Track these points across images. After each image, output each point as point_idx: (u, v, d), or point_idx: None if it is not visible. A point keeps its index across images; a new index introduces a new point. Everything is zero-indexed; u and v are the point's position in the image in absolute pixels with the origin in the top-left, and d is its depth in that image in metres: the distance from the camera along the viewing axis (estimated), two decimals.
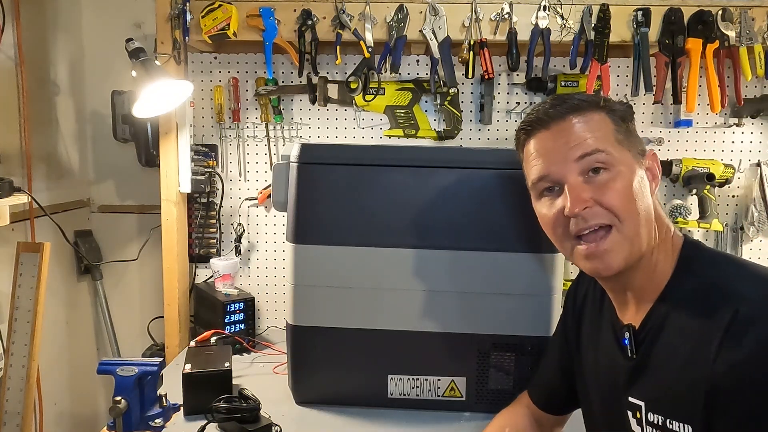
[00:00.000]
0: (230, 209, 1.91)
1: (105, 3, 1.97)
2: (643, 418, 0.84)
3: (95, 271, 1.99)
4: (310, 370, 1.35)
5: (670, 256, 0.86)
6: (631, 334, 0.87)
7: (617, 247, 0.82)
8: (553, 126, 0.86)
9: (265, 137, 1.88)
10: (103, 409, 2.07)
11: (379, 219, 1.28)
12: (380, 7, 1.64)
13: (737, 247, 1.88)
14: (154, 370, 1.24)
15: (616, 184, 0.82)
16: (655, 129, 1.85)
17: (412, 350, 1.31)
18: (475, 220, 1.27)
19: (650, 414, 0.83)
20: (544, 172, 0.86)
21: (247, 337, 1.70)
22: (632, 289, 0.88)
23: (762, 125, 1.84)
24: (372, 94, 1.79)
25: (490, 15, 1.64)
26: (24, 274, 1.50)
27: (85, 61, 1.99)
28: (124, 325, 2.04)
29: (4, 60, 1.61)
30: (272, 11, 1.62)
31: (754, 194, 1.83)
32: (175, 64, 1.68)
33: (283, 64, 1.85)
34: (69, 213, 1.90)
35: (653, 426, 0.83)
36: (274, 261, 1.92)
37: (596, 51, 1.64)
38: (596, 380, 0.96)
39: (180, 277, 1.79)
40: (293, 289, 1.32)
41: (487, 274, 1.28)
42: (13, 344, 1.49)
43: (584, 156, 0.83)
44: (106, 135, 1.90)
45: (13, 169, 1.63)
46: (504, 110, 1.86)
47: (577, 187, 0.83)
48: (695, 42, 1.63)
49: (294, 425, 1.27)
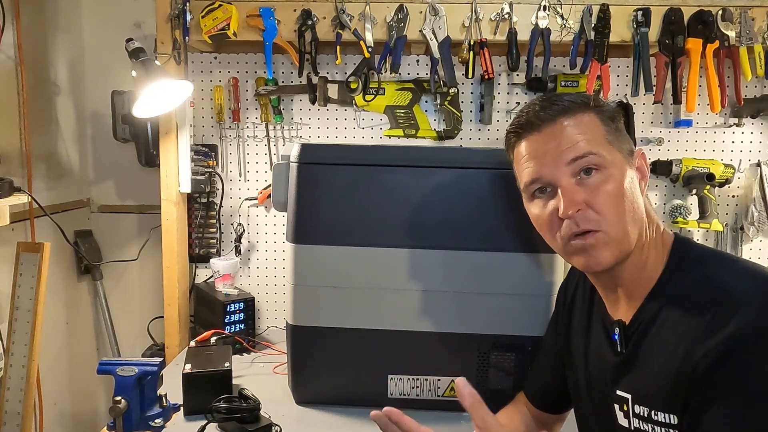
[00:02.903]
0: (230, 209, 1.91)
1: (105, 3, 1.97)
2: (630, 411, 0.85)
3: (95, 271, 1.99)
4: (310, 370, 1.35)
5: (660, 253, 0.87)
6: (621, 330, 0.88)
7: (607, 246, 0.83)
8: (544, 129, 0.86)
9: (265, 137, 1.88)
10: (103, 409, 2.07)
11: (379, 219, 1.28)
12: (380, 7, 1.64)
13: (737, 247, 1.88)
14: (154, 370, 1.24)
15: (608, 186, 0.83)
16: (655, 129, 1.85)
17: (412, 350, 1.31)
18: (475, 220, 1.27)
19: (636, 406, 0.84)
20: (536, 175, 0.87)
21: (247, 337, 1.70)
22: (623, 285, 0.88)
23: (762, 125, 1.84)
24: (372, 94, 1.79)
25: (490, 15, 1.64)
26: (24, 274, 1.50)
27: (85, 61, 1.99)
28: (124, 325, 2.04)
29: (4, 60, 1.61)
30: (272, 11, 1.62)
31: (754, 194, 1.83)
32: (175, 64, 1.68)
33: (283, 64, 1.85)
34: (69, 213, 1.90)
35: (639, 418, 0.84)
36: (274, 261, 1.92)
37: (596, 51, 1.64)
38: (586, 375, 0.97)
39: (180, 277, 1.79)
40: (293, 289, 1.32)
41: (487, 274, 1.28)
42: (13, 344, 1.49)
43: (576, 159, 0.84)
44: (106, 135, 1.90)
45: (13, 169, 1.63)
46: (504, 110, 1.86)
47: (571, 190, 0.83)
48: (695, 42, 1.63)
49: (294, 425, 1.27)
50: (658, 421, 0.81)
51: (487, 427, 0.77)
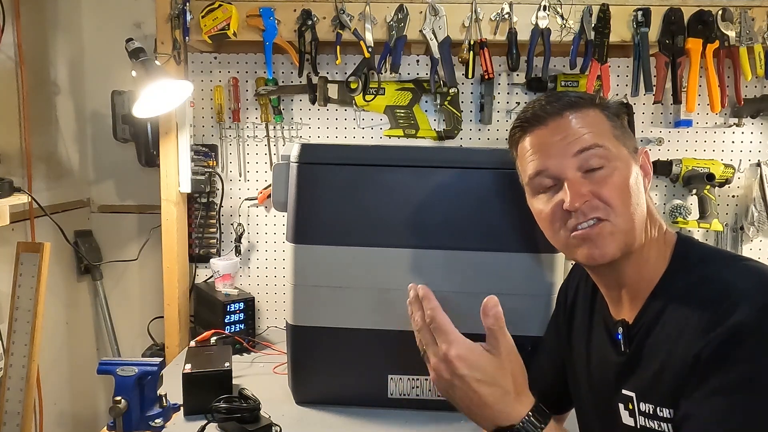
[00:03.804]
0: (230, 209, 1.91)
1: (105, 3, 1.97)
2: (636, 409, 0.85)
3: (95, 271, 1.99)
4: (310, 370, 1.35)
5: (662, 252, 0.86)
6: (625, 330, 0.87)
7: (612, 235, 0.82)
8: (551, 122, 0.86)
9: (265, 137, 1.88)
10: (103, 409, 2.07)
11: (379, 219, 1.28)
12: (380, 7, 1.64)
13: (737, 247, 1.88)
14: (154, 370, 1.24)
15: (614, 179, 0.82)
16: (655, 129, 1.85)
17: (412, 350, 1.29)
18: (475, 220, 1.27)
19: (642, 404, 0.84)
20: (541, 167, 0.86)
21: (247, 337, 1.70)
22: (625, 285, 0.88)
23: (762, 125, 1.84)
24: (372, 94, 1.79)
25: (490, 15, 1.64)
26: (24, 274, 1.50)
27: (85, 61, 1.99)
28: (124, 325, 2.04)
29: (4, 60, 1.61)
30: (272, 11, 1.62)
31: (754, 194, 1.83)
32: (175, 64, 1.68)
33: (283, 64, 1.85)
34: (69, 213, 1.90)
35: (645, 415, 0.83)
36: (274, 261, 1.92)
37: (596, 51, 1.64)
38: (588, 376, 0.97)
39: (180, 277, 1.79)
40: (293, 289, 1.32)
41: (488, 274, 1.28)
42: (13, 344, 1.49)
43: (583, 150, 0.83)
44: (106, 135, 1.90)
45: (13, 169, 1.63)
46: (504, 110, 1.86)
47: (577, 182, 0.83)
48: (695, 42, 1.63)
49: (294, 425, 1.27)
50: (663, 417, 0.80)
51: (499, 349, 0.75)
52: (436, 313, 0.76)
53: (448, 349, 0.74)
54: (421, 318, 0.77)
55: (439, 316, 0.76)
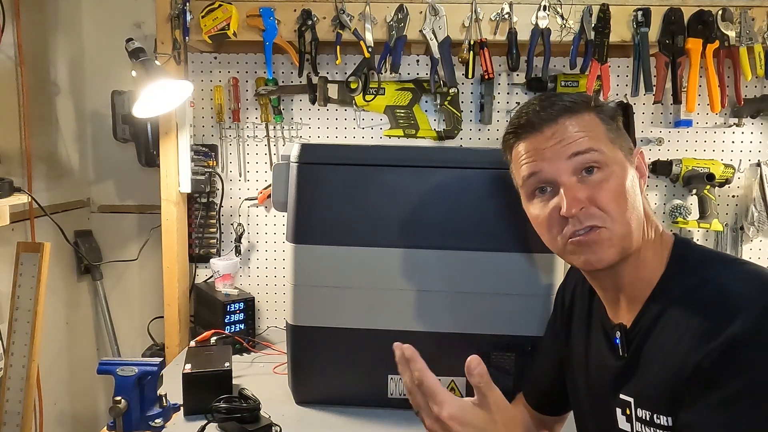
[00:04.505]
0: (230, 209, 1.91)
1: (105, 3, 1.97)
2: (633, 415, 0.85)
3: (95, 271, 1.99)
4: (310, 370, 1.35)
5: (659, 254, 0.86)
6: (623, 334, 0.87)
7: (609, 242, 0.82)
8: (545, 129, 0.85)
9: (265, 137, 1.88)
10: (103, 409, 2.07)
11: (379, 219, 1.28)
12: (380, 7, 1.64)
13: (737, 247, 1.88)
14: (154, 370, 1.24)
15: (610, 184, 0.82)
16: (655, 129, 1.85)
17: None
18: (475, 220, 1.27)
19: (639, 410, 0.83)
20: (534, 169, 0.85)
21: (247, 337, 1.70)
22: (623, 288, 0.87)
23: (762, 125, 1.84)
24: (372, 94, 1.79)
25: (490, 15, 1.64)
26: (24, 274, 1.50)
27: (85, 61, 1.99)
28: (124, 325, 2.04)
29: (4, 60, 1.61)
30: (272, 11, 1.62)
31: (754, 194, 1.83)
32: (175, 64, 1.68)
33: (283, 64, 1.85)
34: (69, 213, 1.90)
35: (642, 422, 0.83)
36: (274, 261, 1.92)
37: (596, 51, 1.64)
38: (586, 379, 0.96)
39: (180, 277, 1.79)
40: (293, 289, 1.32)
41: (488, 274, 1.28)
42: (13, 344, 1.49)
43: (577, 154, 0.82)
44: (106, 135, 1.90)
45: (13, 169, 1.63)
46: (504, 110, 1.86)
47: (573, 188, 0.82)
48: (695, 42, 1.63)
49: (294, 425, 1.27)
50: (660, 424, 0.80)
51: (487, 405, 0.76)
52: (424, 375, 0.77)
53: (440, 411, 0.75)
54: (410, 380, 0.78)
55: (427, 377, 0.77)
